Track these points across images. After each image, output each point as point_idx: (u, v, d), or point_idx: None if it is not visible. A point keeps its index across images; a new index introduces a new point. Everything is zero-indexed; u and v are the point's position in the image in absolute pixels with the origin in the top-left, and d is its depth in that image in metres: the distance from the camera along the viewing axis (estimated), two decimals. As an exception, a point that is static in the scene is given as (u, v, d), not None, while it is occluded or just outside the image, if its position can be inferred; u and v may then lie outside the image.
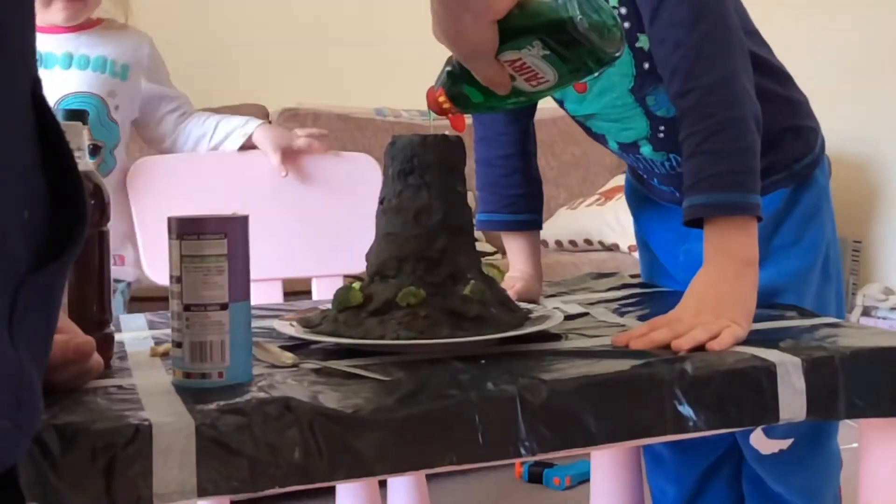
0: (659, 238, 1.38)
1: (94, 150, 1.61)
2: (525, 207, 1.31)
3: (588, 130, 1.30)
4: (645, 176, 1.34)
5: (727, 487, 1.38)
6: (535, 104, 1.27)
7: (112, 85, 1.86)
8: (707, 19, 1.05)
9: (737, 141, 1.02)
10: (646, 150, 1.24)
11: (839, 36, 3.13)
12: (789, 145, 1.21)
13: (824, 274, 1.26)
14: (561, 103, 1.28)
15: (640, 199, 1.40)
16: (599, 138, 1.30)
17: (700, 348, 0.92)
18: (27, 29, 0.47)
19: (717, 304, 0.98)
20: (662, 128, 1.19)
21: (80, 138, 0.91)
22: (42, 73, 1.34)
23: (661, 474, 1.43)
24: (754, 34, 1.21)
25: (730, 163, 1.02)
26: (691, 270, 1.06)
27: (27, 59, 0.47)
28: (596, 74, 0.92)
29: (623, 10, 1.10)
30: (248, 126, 1.85)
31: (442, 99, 0.96)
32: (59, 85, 1.81)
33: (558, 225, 2.99)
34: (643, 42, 1.12)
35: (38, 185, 0.47)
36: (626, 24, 1.10)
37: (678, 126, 1.08)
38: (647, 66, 1.13)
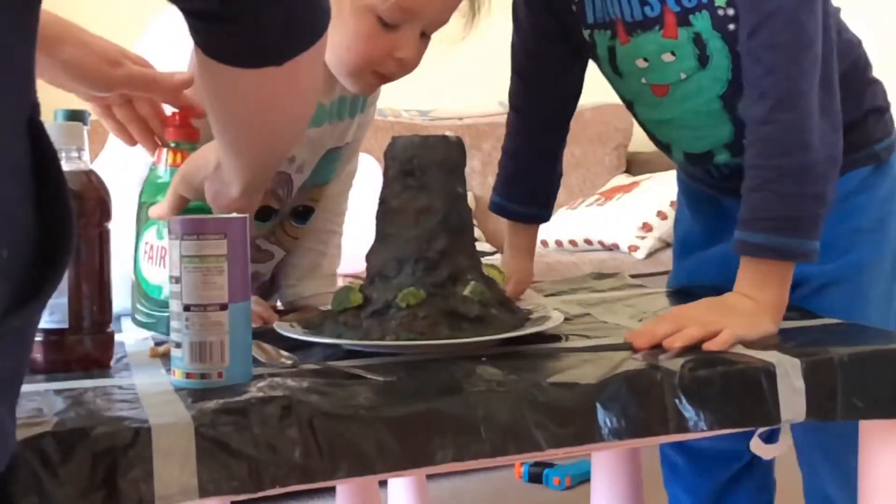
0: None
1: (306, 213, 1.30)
2: (542, 202, 1.31)
3: (653, 137, 1.26)
4: (701, 187, 1.30)
5: (748, 503, 1.36)
6: (577, 101, 1.28)
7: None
8: (805, 52, 1.01)
9: (807, 186, 1.00)
10: (722, 157, 1.19)
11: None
12: (870, 126, 1.19)
13: (895, 272, 1.20)
14: (630, 105, 1.24)
15: (700, 201, 1.34)
16: (664, 147, 1.26)
17: (697, 348, 0.92)
18: (26, 50, 0.44)
19: (728, 309, 0.98)
20: None
21: (80, 139, 0.91)
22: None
23: (678, 484, 1.41)
24: (841, 26, 1.17)
25: (796, 207, 1.00)
26: None
27: (23, 85, 0.45)
28: None
29: (731, 12, 1.06)
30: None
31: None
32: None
33: (558, 225, 2.98)
34: None
35: (23, 221, 0.45)
36: (732, 26, 1.07)
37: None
38: None
